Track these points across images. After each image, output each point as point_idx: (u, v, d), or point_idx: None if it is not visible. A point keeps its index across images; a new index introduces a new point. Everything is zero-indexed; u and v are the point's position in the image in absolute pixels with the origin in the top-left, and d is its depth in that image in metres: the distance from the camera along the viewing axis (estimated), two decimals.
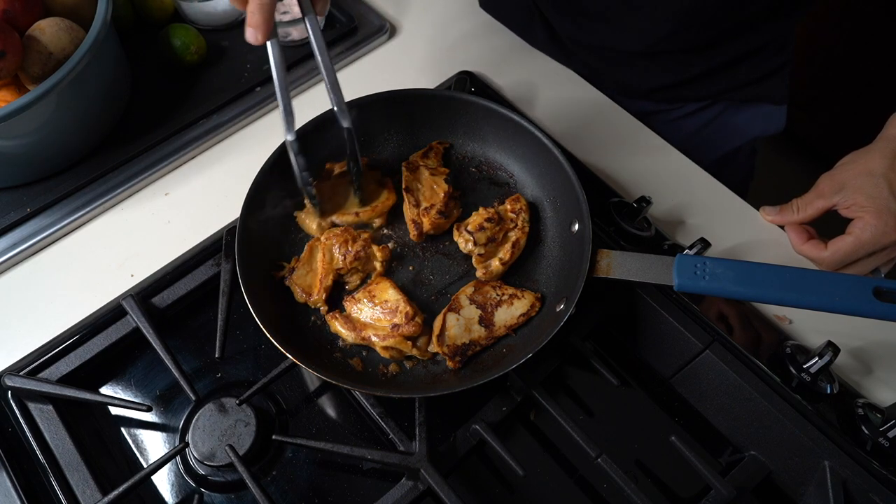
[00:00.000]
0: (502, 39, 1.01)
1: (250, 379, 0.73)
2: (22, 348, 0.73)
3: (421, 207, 0.76)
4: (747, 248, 0.80)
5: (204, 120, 0.89)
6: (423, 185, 0.77)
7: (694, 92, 0.99)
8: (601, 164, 0.87)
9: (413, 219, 0.76)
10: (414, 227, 0.75)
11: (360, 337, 0.69)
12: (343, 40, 0.97)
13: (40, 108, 0.74)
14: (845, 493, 0.63)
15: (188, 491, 0.68)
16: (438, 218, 0.75)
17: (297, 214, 0.78)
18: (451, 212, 0.77)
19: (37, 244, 0.80)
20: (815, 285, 0.61)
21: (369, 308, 0.70)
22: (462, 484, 0.67)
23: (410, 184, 0.77)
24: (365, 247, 0.73)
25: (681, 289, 0.64)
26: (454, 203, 0.78)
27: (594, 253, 0.68)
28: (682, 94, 0.99)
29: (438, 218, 0.75)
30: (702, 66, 0.94)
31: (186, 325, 0.77)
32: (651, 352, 0.75)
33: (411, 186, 0.77)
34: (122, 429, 0.72)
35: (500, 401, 0.69)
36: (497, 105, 0.79)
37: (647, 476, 0.69)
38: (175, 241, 0.80)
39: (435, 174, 0.79)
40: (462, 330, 0.69)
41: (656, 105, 1.01)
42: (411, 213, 0.76)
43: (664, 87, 0.98)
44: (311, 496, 0.67)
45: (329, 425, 0.71)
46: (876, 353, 0.73)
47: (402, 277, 0.75)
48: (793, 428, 0.65)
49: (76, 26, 0.80)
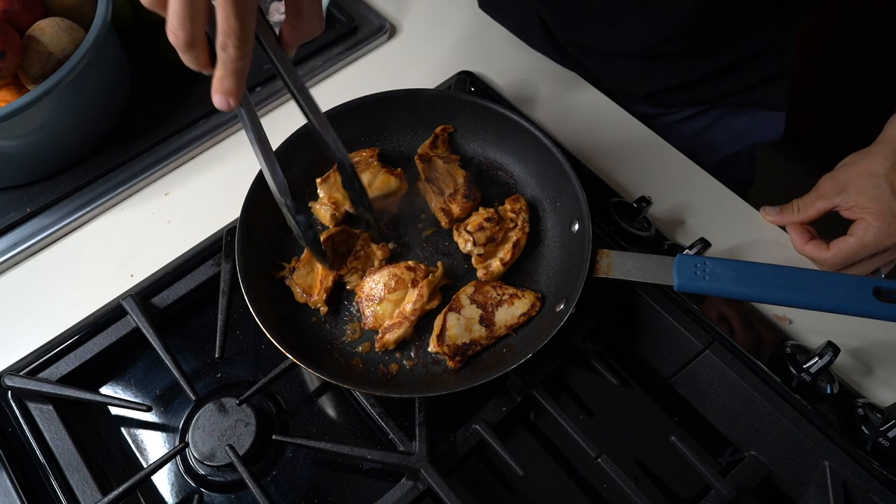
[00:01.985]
0: (502, 39, 1.01)
1: (250, 379, 0.73)
2: (22, 348, 0.73)
3: (445, 195, 0.76)
4: (747, 248, 0.80)
5: (204, 120, 0.89)
6: (440, 174, 0.77)
7: (693, 96, 0.98)
8: (601, 164, 0.87)
9: (441, 207, 0.76)
10: (444, 214, 0.75)
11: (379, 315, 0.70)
12: (343, 40, 0.97)
13: (40, 108, 0.74)
14: (845, 493, 0.63)
15: (188, 491, 0.67)
16: (466, 202, 0.75)
17: (311, 205, 0.78)
18: (474, 194, 0.77)
19: (37, 244, 0.80)
20: (815, 285, 0.61)
21: (380, 285, 0.71)
22: (462, 484, 0.67)
23: (429, 174, 0.77)
24: (364, 246, 0.73)
25: (681, 289, 0.64)
26: (475, 185, 0.78)
27: (594, 253, 0.68)
28: (681, 97, 0.99)
29: (466, 202, 0.75)
30: (701, 69, 0.93)
31: (186, 325, 0.77)
32: (651, 352, 0.75)
33: (430, 176, 0.77)
34: (122, 429, 0.72)
35: (500, 401, 0.69)
36: (497, 105, 0.79)
37: (647, 476, 0.69)
38: (175, 241, 0.80)
39: (448, 161, 0.79)
40: (462, 330, 0.69)
41: (654, 109, 1.01)
42: (437, 202, 0.76)
43: (663, 91, 0.97)
44: (311, 496, 0.67)
45: (329, 425, 0.71)
46: (876, 353, 0.73)
47: None
48: (793, 428, 0.65)
49: (76, 26, 0.80)
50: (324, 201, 0.77)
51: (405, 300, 0.70)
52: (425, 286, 0.70)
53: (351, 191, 0.66)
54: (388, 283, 0.70)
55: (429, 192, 0.76)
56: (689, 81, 0.95)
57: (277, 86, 0.92)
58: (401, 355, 0.71)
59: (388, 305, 0.70)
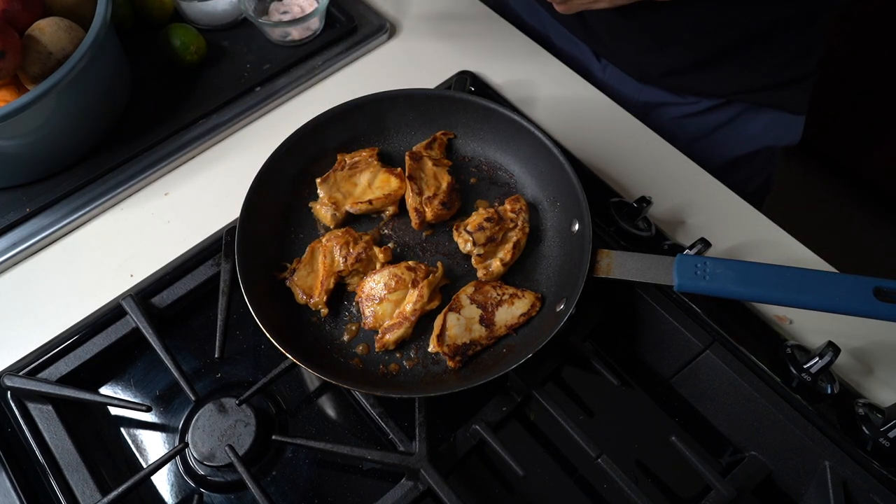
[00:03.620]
0: (502, 39, 1.01)
1: (250, 379, 0.73)
2: (22, 348, 0.73)
3: (424, 196, 0.76)
4: (747, 248, 0.80)
5: (204, 120, 0.89)
6: (426, 174, 0.77)
7: (710, 85, 0.95)
8: (601, 164, 0.87)
9: (416, 207, 0.76)
10: (416, 215, 0.76)
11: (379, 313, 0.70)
12: (343, 40, 0.97)
13: (40, 108, 0.74)
14: (845, 493, 0.62)
15: (188, 491, 0.67)
16: (441, 209, 0.75)
17: (311, 205, 0.78)
18: (452, 203, 0.77)
19: (37, 244, 0.80)
20: (815, 285, 0.61)
21: (380, 285, 0.71)
22: (462, 484, 0.67)
23: (414, 172, 0.77)
24: (367, 249, 0.73)
25: (681, 289, 0.64)
26: (455, 195, 0.78)
27: (594, 253, 0.68)
28: (698, 84, 0.96)
29: (441, 209, 0.75)
30: (722, 54, 0.89)
31: (186, 325, 0.77)
32: (651, 352, 0.75)
33: (415, 175, 0.77)
34: (122, 429, 0.72)
35: (500, 401, 0.69)
36: (497, 105, 0.79)
37: (647, 476, 0.69)
38: (175, 241, 0.80)
39: (438, 165, 0.79)
40: (463, 329, 0.69)
41: (669, 95, 0.98)
42: (414, 201, 0.76)
43: (680, 71, 0.93)
44: (311, 496, 0.67)
45: (329, 425, 0.71)
46: (876, 353, 0.73)
47: None
48: (793, 428, 0.65)
49: (76, 26, 0.80)
50: (324, 201, 0.77)
51: (405, 300, 0.70)
52: (425, 286, 0.70)
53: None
54: (388, 282, 0.70)
55: (408, 188, 0.77)
56: (708, 60, 0.90)
57: (278, 85, 0.93)
58: (401, 355, 0.71)
59: (388, 305, 0.70)
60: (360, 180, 0.78)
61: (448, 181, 0.78)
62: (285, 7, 0.97)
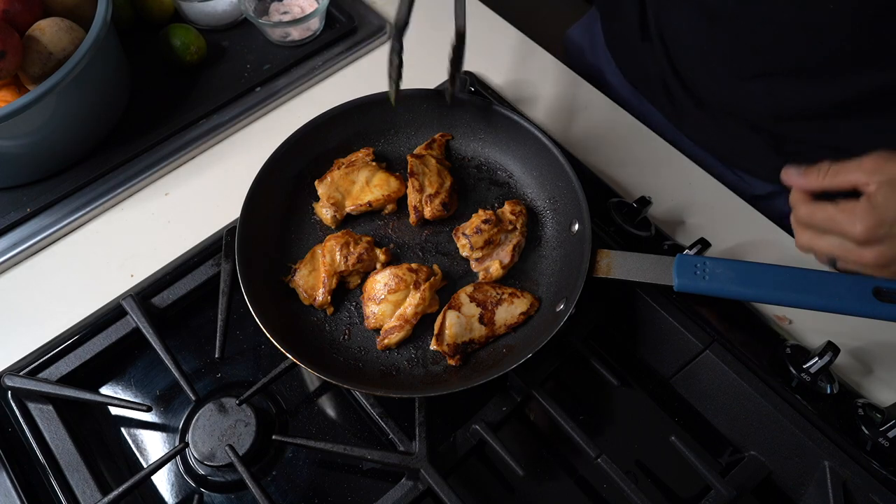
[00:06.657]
0: (503, 39, 1.01)
1: (250, 379, 0.73)
2: (22, 348, 0.73)
3: (425, 194, 0.76)
4: (747, 248, 0.80)
5: (204, 120, 0.89)
6: (430, 171, 0.78)
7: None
8: (601, 164, 0.87)
9: (415, 204, 0.76)
10: (414, 212, 0.76)
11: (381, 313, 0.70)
12: (343, 40, 0.97)
13: (40, 108, 0.74)
14: (845, 493, 0.63)
15: (188, 491, 0.68)
16: (440, 209, 0.76)
17: (314, 205, 0.78)
18: (452, 205, 0.77)
19: (37, 244, 0.80)
20: (815, 285, 0.61)
21: (381, 285, 0.71)
22: (462, 484, 0.67)
23: (416, 168, 0.77)
24: (368, 249, 0.73)
25: (681, 289, 0.64)
26: (456, 197, 0.78)
27: (594, 253, 0.68)
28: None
29: (440, 209, 0.76)
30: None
31: (186, 325, 0.77)
32: (651, 352, 0.75)
33: (417, 171, 0.77)
34: (122, 429, 0.72)
35: (500, 401, 0.69)
36: (497, 105, 0.79)
37: (647, 476, 0.69)
38: (175, 241, 0.80)
39: (441, 164, 0.79)
40: (462, 328, 0.69)
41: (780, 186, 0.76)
42: (414, 197, 0.76)
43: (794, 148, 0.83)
44: (311, 496, 0.67)
45: (329, 425, 0.71)
46: (876, 353, 0.73)
47: None
48: (793, 428, 0.65)
49: (76, 26, 0.80)
50: (324, 202, 0.77)
51: (406, 302, 0.70)
52: (427, 289, 0.70)
53: (455, 57, 0.76)
54: (389, 283, 0.70)
55: (410, 185, 0.77)
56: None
57: (278, 86, 0.93)
58: (401, 355, 0.71)
59: (389, 306, 0.70)
60: (357, 178, 0.78)
61: (451, 182, 0.78)
62: (285, 7, 0.97)
